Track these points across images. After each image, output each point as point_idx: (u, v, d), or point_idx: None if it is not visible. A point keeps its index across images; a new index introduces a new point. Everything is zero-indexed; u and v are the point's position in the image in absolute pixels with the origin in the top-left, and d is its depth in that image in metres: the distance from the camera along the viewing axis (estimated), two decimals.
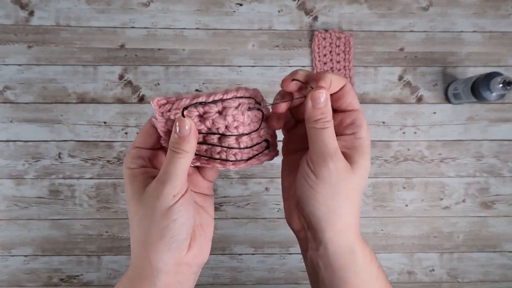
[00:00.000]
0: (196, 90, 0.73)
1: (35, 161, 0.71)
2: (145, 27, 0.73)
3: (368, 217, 0.74)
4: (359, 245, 0.29)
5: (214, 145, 0.29)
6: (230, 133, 0.29)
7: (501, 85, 0.60)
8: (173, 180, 0.27)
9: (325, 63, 0.73)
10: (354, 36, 0.74)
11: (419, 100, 0.74)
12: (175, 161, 0.27)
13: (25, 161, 0.71)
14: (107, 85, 0.72)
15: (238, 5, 0.74)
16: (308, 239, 0.31)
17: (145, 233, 0.27)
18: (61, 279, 0.72)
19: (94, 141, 0.72)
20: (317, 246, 0.30)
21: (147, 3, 0.73)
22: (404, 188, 0.74)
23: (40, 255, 0.72)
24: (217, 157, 0.29)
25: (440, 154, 0.74)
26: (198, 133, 0.29)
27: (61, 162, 0.72)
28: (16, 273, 0.71)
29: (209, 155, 0.30)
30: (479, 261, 0.74)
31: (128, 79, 0.72)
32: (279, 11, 0.74)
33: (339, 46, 0.73)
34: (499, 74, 0.63)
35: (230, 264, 0.73)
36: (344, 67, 0.73)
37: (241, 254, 0.73)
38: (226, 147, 0.29)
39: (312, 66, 0.74)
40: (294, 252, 0.73)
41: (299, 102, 0.32)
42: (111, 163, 0.72)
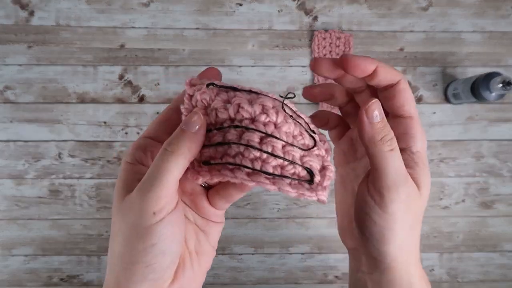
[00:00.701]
0: None
1: (35, 161, 0.71)
2: (145, 27, 0.73)
3: None
4: (418, 278, 0.26)
5: (223, 144, 0.22)
6: (254, 127, 0.22)
7: (500, 85, 0.60)
8: (156, 190, 0.20)
9: None
10: (354, 36, 0.74)
11: (419, 100, 0.74)
12: (163, 163, 0.20)
13: (25, 161, 0.71)
14: (107, 85, 0.72)
15: (238, 5, 0.74)
16: (361, 261, 0.27)
17: (118, 253, 0.21)
18: (61, 279, 0.72)
19: (94, 141, 0.72)
20: (371, 270, 0.26)
21: (147, 3, 0.73)
22: None
23: (40, 255, 0.72)
24: (230, 160, 0.21)
25: (439, 154, 0.74)
26: (220, 128, 0.22)
27: (61, 162, 0.72)
28: (16, 273, 0.71)
29: (221, 161, 0.22)
30: (479, 261, 0.74)
31: (128, 79, 0.72)
32: (279, 11, 0.74)
33: (339, 46, 0.73)
34: (498, 74, 0.63)
35: (230, 264, 0.73)
36: None
37: (241, 254, 0.73)
38: (244, 144, 0.21)
39: None
40: (294, 252, 0.73)
41: (343, 103, 0.27)
42: (111, 163, 0.72)
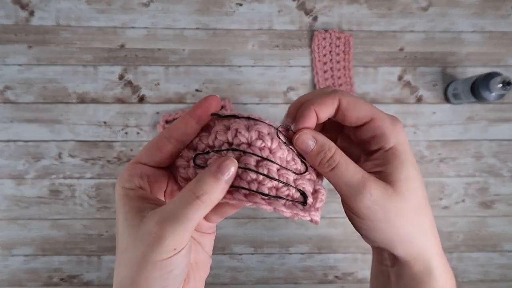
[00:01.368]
0: (196, 90, 0.73)
1: (35, 161, 0.71)
2: (145, 27, 0.73)
3: None
4: (438, 268, 0.26)
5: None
6: (251, 151, 0.23)
7: (500, 85, 0.60)
8: (180, 233, 0.21)
9: (325, 63, 0.73)
10: (354, 36, 0.74)
11: (419, 100, 0.74)
12: (194, 211, 0.21)
13: (25, 161, 0.71)
14: (107, 85, 0.72)
15: (238, 5, 0.74)
16: (384, 255, 0.28)
17: (131, 280, 0.22)
18: (61, 279, 0.72)
19: (94, 141, 0.72)
20: (393, 264, 0.27)
21: (147, 3, 0.73)
22: None
23: (40, 255, 0.72)
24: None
25: (439, 154, 0.74)
26: (218, 150, 0.24)
27: (61, 162, 0.72)
28: (16, 273, 0.71)
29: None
30: (479, 260, 0.74)
31: (128, 79, 0.72)
32: (279, 11, 0.74)
33: (339, 46, 0.73)
34: (498, 74, 0.63)
35: (230, 264, 0.73)
36: (344, 67, 0.73)
37: (241, 254, 0.73)
38: (241, 167, 0.23)
39: (312, 66, 0.74)
40: (294, 252, 0.73)
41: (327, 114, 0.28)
42: (111, 163, 0.72)
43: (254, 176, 0.22)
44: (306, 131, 0.24)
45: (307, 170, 0.25)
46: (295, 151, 0.25)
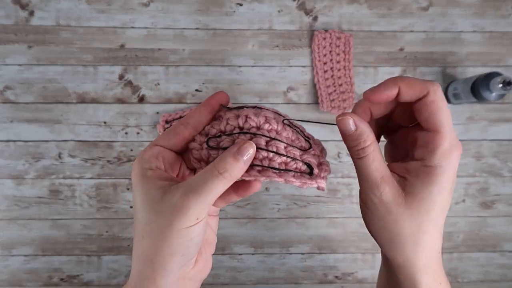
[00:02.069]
0: (196, 90, 0.73)
1: (35, 161, 0.71)
2: (145, 27, 0.73)
3: None
4: (426, 284, 0.27)
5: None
6: (261, 133, 0.26)
7: (501, 85, 0.60)
8: (203, 204, 0.24)
9: (325, 63, 0.73)
10: (354, 36, 0.74)
11: None
12: (216, 185, 0.24)
13: (25, 161, 0.71)
14: (107, 85, 0.72)
15: (238, 5, 0.74)
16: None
17: (155, 248, 0.24)
18: (61, 279, 0.72)
19: (94, 141, 0.72)
20: (386, 264, 0.29)
21: (147, 3, 0.73)
22: None
23: (40, 255, 0.72)
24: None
25: None
26: (229, 134, 0.27)
27: (61, 162, 0.72)
28: (16, 273, 0.71)
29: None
30: (479, 261, 0.74)
31: (128, 79, 0.72)
32: (279, 11, 0.74)
33: (339, 46, 0.73)
34: (498, 74, 0.63)
35: (230, 264, 0.73)
36: (344, 67, 0.73)
37: (241, 254, 0.73)
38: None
39: (312, 66, 0.74)
40: (294, 252, 0.73)
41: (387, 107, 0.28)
42: (111, 163, 0.72)
43: (265, 154, 0.26)
44: (351, 116, 0.25)
45: (311, 147, 0.28)
46: (299, 131, 0.28)
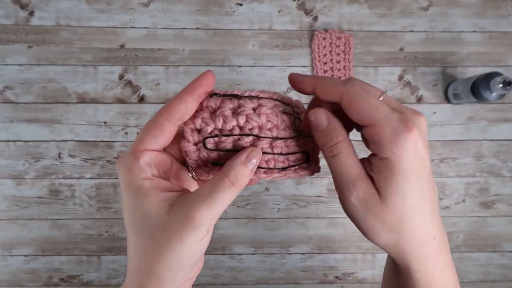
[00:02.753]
0: None
1: (35, 161, 0.71)
2: (145, 27, 0.73)
3: None
4: (419, 273, 0.26)
5: (234, 150, 0.26)
6: (264, 135, 0.26)
7: (501, 85, 0.60)
8: (215, 216, 0.22)
9: (325, 63, 0.73)
10: (354, 36, 0.74)
11: (419, 100, 0.74)
12: (227, 195, 0.23)
13: (25, 161, 0.71)
14: (107, 85, 0.72)
15: (238, 5, 0.74)
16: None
17: (163, 264, 0.23)
18: (61, 279, 0.72)
19: (94, 141, 0.72)
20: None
21: (147, 3, 0.73)
22: None
23: (40, 255, 0.72)
24: None
25: (440, 154, 0.74)
26: (229, 134, 0.26)
27: (61, 162, 0.72)
28: (16, 273, 0.71)
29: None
30: (479, 261, 0.74)
31: (128, 79, 0.72)
32: (279, 11, 0.74)
33: (339, 46, 0.73)
34: (499, 74, 0.63)
35: (230, 264, 0.73)
36: (344, 67, 0.73)
37: (241, 254, 0.73)
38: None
39: (312, 66, 0.74)
40: (294, 252, 0.73)
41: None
42: (111, 163, 0.72)
43: (270, 156, 0.26)
44: (323, 110, 0.24)
45: (296, 135, 0.28)
46: (294, 113, 0.28)
